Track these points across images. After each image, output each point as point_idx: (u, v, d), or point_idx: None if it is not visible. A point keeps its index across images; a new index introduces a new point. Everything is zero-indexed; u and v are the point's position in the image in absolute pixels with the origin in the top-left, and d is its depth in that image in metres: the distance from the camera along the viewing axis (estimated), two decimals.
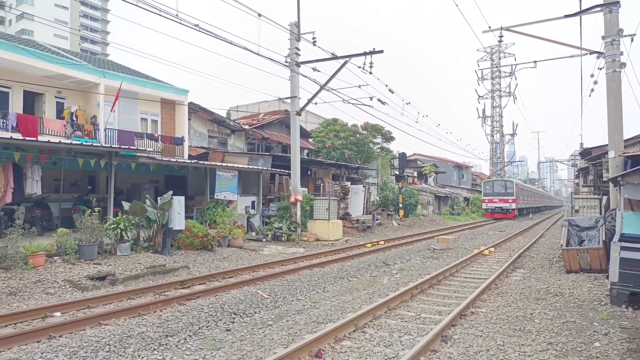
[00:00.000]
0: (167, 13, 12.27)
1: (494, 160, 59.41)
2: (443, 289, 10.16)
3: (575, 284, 10.35)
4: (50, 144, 13.26)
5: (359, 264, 13.43)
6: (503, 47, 58.33)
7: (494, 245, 17.68)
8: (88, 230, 11.62)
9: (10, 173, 13.01)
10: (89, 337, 6.19)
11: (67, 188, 18.30)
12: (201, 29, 13.21)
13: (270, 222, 20.66)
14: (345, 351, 5.98)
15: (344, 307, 8.33)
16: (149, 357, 5.81)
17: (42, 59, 17.40)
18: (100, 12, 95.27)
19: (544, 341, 6.42)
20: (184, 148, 22.39)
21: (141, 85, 21.29)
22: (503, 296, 9.29)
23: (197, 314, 7.56)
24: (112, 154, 14.83)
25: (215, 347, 6.25)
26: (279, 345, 6.16)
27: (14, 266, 9.87)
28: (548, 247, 17.77)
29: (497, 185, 42.52)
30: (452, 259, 14.64)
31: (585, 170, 30.39)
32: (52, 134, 17.43)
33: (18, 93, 18.08)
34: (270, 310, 8.36)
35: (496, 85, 60.75)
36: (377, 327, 7.05)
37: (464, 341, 6.39)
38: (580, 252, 11.80)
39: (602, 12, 12.53)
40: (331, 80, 19.59)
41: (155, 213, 13.29)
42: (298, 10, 18.99)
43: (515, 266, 13.30)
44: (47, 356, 5.54)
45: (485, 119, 59.66)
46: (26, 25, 76.35)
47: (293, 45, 19.53)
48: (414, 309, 8.30)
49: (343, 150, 32.67)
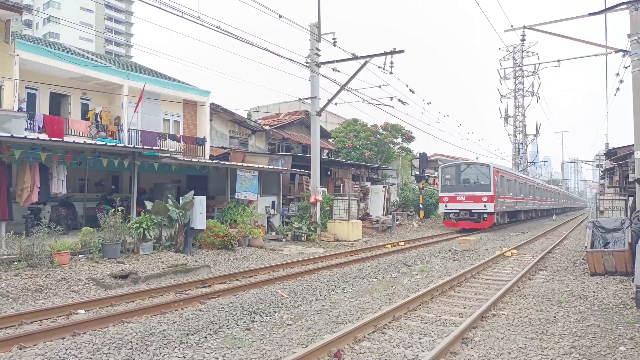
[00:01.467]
0: (190, 15, 12.44)
1: (517, 160, 58.44)
2: (464, 290, 10.04)
3: (599, 286, 10.11)
4: (76, 144, 13.57)
5: (379, 265, 13.38)
6: (526, 46, 57.32)
7: (516, 247, 17.39)
8: (111, 229, 11.84)
9: (37, 173, 13.35)
10: (112, 335, 6.30)
11: (92, 188, 18.71)
12: (223, 31, 13.36)
13: (290, 222, 20.74)
14: (364, 352, 5.97)
15: (364, 307, 8.30)
16: (170, 355, 5.89)
17: (68, 61, 17.82)
18: (124, 15, 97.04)
19: (567, 345, 6.29)
20: (205, 148, 22.66)
21: (164, 87, 21.62)
22: (525, 298, 9.13)
23: (217, 312, 7.64)
24: (136, 154, 15.09)
25: (235, 346, 6.30)
26: (299, 345, 6.17)
27: (40, 264, 10.13)
28: (572, 249, 17.40)
29: (462, 172, 26.48)
30: (473, 260, 14.46)
31: (611, 170, 29.68)
32: (77, 134, 17.84)
33: (45, 94, 18.56)
34: (290, 310, 8.39)
35: (519, 84, 59.75)
36: (396, 329, 7.01)
37: (485, 344, 6.31)
38: (605, 255, 11.53)
39: (628, 9, 12.23)
40: (351, 80, 19.58)
41: (177, 212, 13.47)
42: (319, 11, 19.01)
43: (538, 268, 13.07)
44: (72, 352, 5.67)
45: (508, 118, 58.76)
46: (53, 29, 78.27)
47: (313, 45, 19.57)
48: (434, 310, 8.22)
49: (363, 151, 32.59)
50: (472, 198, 25.02)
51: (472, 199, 24.99)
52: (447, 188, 26.06)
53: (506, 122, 58.66)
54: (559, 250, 17.30)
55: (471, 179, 25.93)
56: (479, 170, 25.84)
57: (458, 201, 25.37)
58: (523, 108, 59.57)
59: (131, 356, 5.78)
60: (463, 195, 25.26)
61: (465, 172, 26.34)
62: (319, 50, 19.69)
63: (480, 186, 25.12)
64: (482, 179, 25.38)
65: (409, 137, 35.37)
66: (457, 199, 25.38)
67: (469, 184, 25.66)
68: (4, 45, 16.24)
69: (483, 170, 25.69)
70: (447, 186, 26.15)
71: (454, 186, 25.83)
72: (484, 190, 24.86)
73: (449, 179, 26.34)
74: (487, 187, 24.90)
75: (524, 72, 58.38)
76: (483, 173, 25.55)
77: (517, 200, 31.11)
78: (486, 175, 25.30)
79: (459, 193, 25.40)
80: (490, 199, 24.64)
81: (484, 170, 25.72)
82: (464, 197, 25.20)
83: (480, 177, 25.51)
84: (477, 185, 25.31)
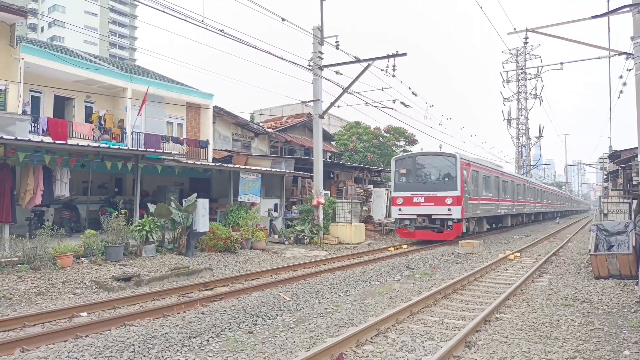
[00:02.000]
0: (193, 19, 12.49)
1: (520, 163, 58.33)
2: (467, 294, 10.01)
3: (603, 290, 10.06)
4: (79, 147, 13.62)
5: (382, 268, 13.35)
6: (529, 48, 57.31)
7: (519, 250, 17.33)
8: (114, 232, 11.86)
9: (41, 175, 13.39)
10: (114, 337, 6.30)
11: (95, 190, 18.76)
12: (226, 34, 13.40)
13: (293, 225, 20.74)
14: (367, 355, 5.95)
15: (366, 311, 8.28)
16: (173, 358, 5.89)
17: (72, 65, 17.91)
18: (128, 19, 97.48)
19: (571, 348, 6.25)
20: (208, 151, 22.71)
21: (167, 90, 21.70)
22: (529, 302, 9.09)
23: (219, 315, 7.63)
24: (139, 157, 15.12)
25: (237, 349, 6.29)
26: (301, 348, 6.16)
27: (43, 266, 10.15)
28: (575, 253, 17.33)
29: (420, 165, 20.70)
30: (477, 263, 14.42)
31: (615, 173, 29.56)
32: (81, 137, 17.91)
33: (49, 97, 18.65)
34: (292, 313, 8.37)
35: (522, 87, 59.71)
36: (399, 332, 6.99)
37: (488, 347, 6.28)
38: (609, 258, 11.47)
39: (632, 12, 12.17)
40: (354, 83, 19.61)
41: (180, 215, 13.49)
42: (321, 14, 19.06)
43: (542, 271, 13.01)
44: (74, 355, 5.67)
45: (511, 121, 58.68)
46: (57, 32, 78.70)
47: (316, 49, 19.61)
48: (437, 314, 8.19)
49: (366, 153, 32.61)
50: (433, 199, 19.30)
51: (433, 201, 19.25)
52: (402, 186, 20.47)
53: (509, 125, 58.59)
54: (562, 254, 17.24)
55: (432, 174, 20.25)
56: (442, 163, 20.02)
57: (415, 204, 19.61)
58: (526, 111, 59.51)
59: (133, 359, 5.77)
60: (421, 195, 19.56)
61: (424, 164, 20.53)
62: (321, 53, 19.73)
63: (444, 184, 19.46)
64: (447, 174, 19.75)
65: (411, 140, 35.38)
66: (414, 200, 19.62)
67: (429, 181, 19.99)
68: (9, 48, 16.33)
69: (447, 162, 19.81)
70: (402, 184, 20.55)
71: (411, 184, 20.19)
72: (449, 189, 19.18)
73: (405, 174, 20.65)
74: (452, 184, 19.20)
75: (527, 75, 58.34)
76: (447, 166, 19.75)
77: (499, 203, 25.74)
78: (451, 169, 19.53)
79: (416, 193, 19.69)
80: (456, 201, 18.82)
81: (448, 162, 19.79)
82: (422, 197, 19.52)
83: (444, 171, 19.88)
84: (440, 183, 19.65)
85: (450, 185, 19.27)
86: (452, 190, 19.12)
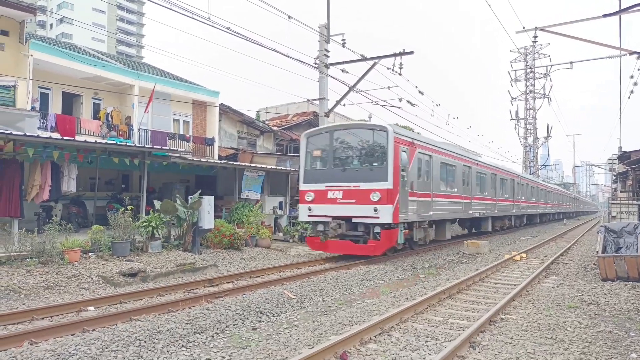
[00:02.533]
0: (200, 16, 12.52)
1: (527, 163, 58.00)
2: (472, 294, 9.98)
3: (611, 292, 9.99)
4: (87, 143, 13.71)
5: (386, 267, 13.33)
6: (538, 47, 56.93)
7: (525, 251, 17.25)
8: (121, 228, 11.94)
9: (49, 171, 13.50)
10: (121, 332, 6.35)
11: (102, 186, 18.90)
12: (232, 32, 13.42)
13: (298, 223, 20.77)
14: (370, 354, 5.95)
15: (370, 309, 8.28)
16: (178, 353, 5.92)
17: (81, 62, 18.02)
18: (135, 16, 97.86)
19: (577, 350, 6.22)
20: (214, 148, 22.79)
21: (174, 87, 21.78)
22: (534, 303, 9.05)
23: (224, 312, 7.66)
24: (145, 154, 15.20)
25: (241, 345, 6.32)
26: (305, 345, 6.17)
27: (51, 261, 10.24)
28: (583, 254, 17.23)
29: (338, 144, 14.38)
30: (482, 264, 14.37)
31: (624, 175, 29.35)
32: (88, 133, 18.03)
33: (57, 94, 18.78)
34: (297, 311, 8.39)
35: (530, 86, 59.35)
36: (403, 331, 6.98)
37: (492, 348, 6.26)
38: (617, 260, 11.39)
39: None
40: (360, 81, 19.57)
41: (186, 212, 13.55)
42: (328, 12, 19.03)
43: (548, 273, 12.95)
44: (81, 349, 5.72)
45: (519, 121, 58.35)
46: (66, 29, 79.15)
47: (322, 47, 19.58)
48: (441, 313, 8.18)
49: None
50: (354, 194, 13.31)
51: (355, 197, 13.29)
52: (314, 175, 14.30)
53: (517, 125, 58.26)
54: (569, 255, 17.14)
55: (353, 157, 13.95)
56: (368, 140, 13.90)
57: (330, 200, 13.65)
58: (534, 110, 59.14)
59: (139, 353, 5.81)
60: (339, 188, 13.53)
61: (344, 143, 14.18)
62: (327, 51, 19.70)
63: (370, 171, 13.41)
64: (373, 156, 13.68)
65: None
66: (329, 195, 13.67)
67: (350, 168, 13.71)
68: (18, 45, 16.46)
69: (374, 139, 13.71)
70: (315, 172, 14.39)
71: (326, 172, 14.06)
72: (376, 178, 13.15)
73: (319, 157, 14.50)
74: (381, 172, 13.15)
75: (535, 74, 57.97)
76: (375, 145, 13.69)
77: (470, 201, 19.82)
78: (381, 150, 13.45)
79: (332, 185, 13.68)
80: (386, 197, 12.87)
81: (375, 138, 13.68)
82: (340, 192, 13.49)
83: (371, 153, 13.78)
84: (364, 170, 13.50)
85: (379, 174, 13.05)
86: (381, 180, 12.94)
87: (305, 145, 14.81)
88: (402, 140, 13.92)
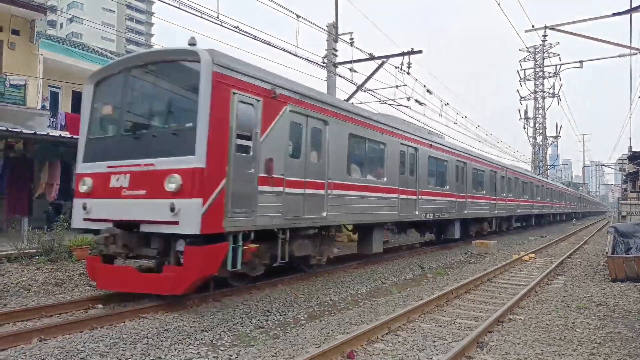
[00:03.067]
0: (209, 15, 12.55)
1: (536, 163, 57.56)
2: (480, 294, 9.93)
3: (620, 293, 9.90)
4: None
5: (394, 267, 13.31)
6: (547, 46, 56.44)
7: (534, 251, 17.13)
8: None
9: (58, 169, 13.60)
10: (129, 329, 6.40)
11: None
12: (241, 31, 13.45)
13: None
14: (377, 353, 5.94)
15: (377, 309, 8.27)
16: (185, 351, 5.95)
17: (90, 61, 18.15)
18: (144, 15, 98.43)
19: (585, 352, 6.17)
20: None
21: None
22: (543, 304, 8.99)
23: (232, 310, 7.69)
24: None
25: (248, 344, 6.33)
26: (312, 344, 6.17)
27: (60, 258, 10.34)
28: (592, 255, 17.08)
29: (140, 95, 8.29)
30: (490, 264, 14.30)
31: (634, 175, 29.06)
32: None
33: (67, 93, 18.93)
34: (304, 310, 8.40)
35: (539, 86, 58.87)
36: (410, 331, 6.96)
37: (500, 348, 6.23)
38: (626, 260, 11.29)
39: None
40: (368, 80, 19.53)
41: None
42: (336, 11, 19.00)
43: (557, 273, 12.85)
44: (89, 346, 5.76)
45: (528, 120, 57.91)
46: (76, 29, 79.84)
47: (330, 46, 19.56)
48: (449, 313, 8.15)
49: None
50: (145, 180, 7.55)
51: (146, 184, 7.52)
52: (97, 148, 8.47)
53: (526, 124, 57.82)
54: (578, 255, 17.01)
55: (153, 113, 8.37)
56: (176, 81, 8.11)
57: (112, 191, 7.88)
58: (543, 110, 58.66)
59: (147, 351, 5.85)
60: (125, 169, 7.78)
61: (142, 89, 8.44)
62: (336, 50, 19.67)
63: (172, 139, 7.62)
64: (180, 111, 8.05)
65: None
66: (112, 183, 7.90)
67: (145, 133, 8.02)
68: (28, 44, 16.61)
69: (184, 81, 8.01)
70: (99, 142, 8.55)
71: (113, 141, 8.37)
72: (177, 151, 7.36)
73: (109, 116, 8.74)
74: (185, 139, 7.33)
75: (544, 74, 57.49)
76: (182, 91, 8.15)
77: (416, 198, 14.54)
78: (190, 98, 7.66)
79: (117, 164, 7.94)
80: (192, 185, 7.11)
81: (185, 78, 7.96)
82: (126, 175, 7.74)
83: (176, 104, 8.15)
84: (165, 137, 7.80)
85: (182, 143, 7.38)
86: (184, 154, 7.29)
87: (90, 97, 8.84)
88: (240, 82, 7.95)
